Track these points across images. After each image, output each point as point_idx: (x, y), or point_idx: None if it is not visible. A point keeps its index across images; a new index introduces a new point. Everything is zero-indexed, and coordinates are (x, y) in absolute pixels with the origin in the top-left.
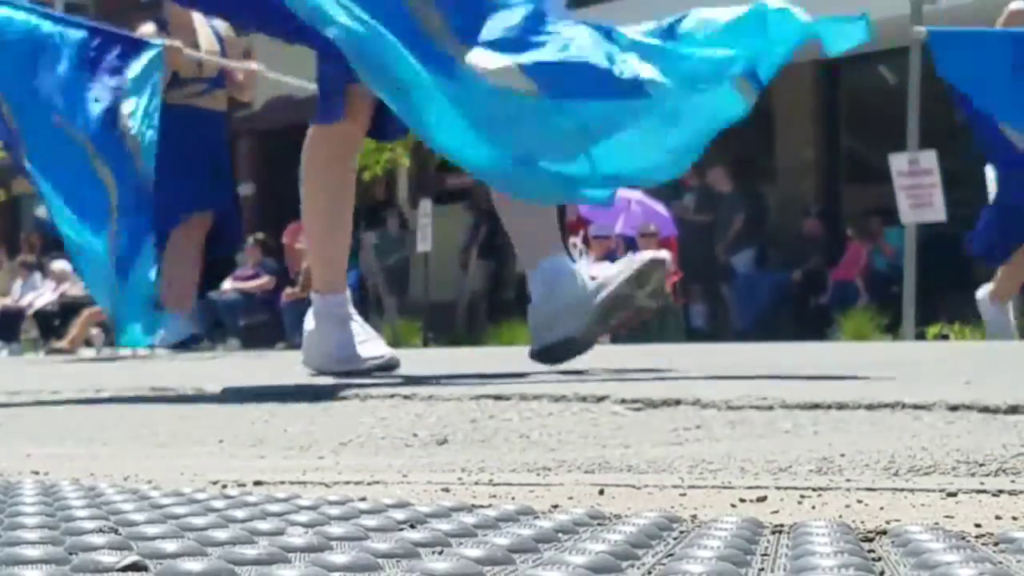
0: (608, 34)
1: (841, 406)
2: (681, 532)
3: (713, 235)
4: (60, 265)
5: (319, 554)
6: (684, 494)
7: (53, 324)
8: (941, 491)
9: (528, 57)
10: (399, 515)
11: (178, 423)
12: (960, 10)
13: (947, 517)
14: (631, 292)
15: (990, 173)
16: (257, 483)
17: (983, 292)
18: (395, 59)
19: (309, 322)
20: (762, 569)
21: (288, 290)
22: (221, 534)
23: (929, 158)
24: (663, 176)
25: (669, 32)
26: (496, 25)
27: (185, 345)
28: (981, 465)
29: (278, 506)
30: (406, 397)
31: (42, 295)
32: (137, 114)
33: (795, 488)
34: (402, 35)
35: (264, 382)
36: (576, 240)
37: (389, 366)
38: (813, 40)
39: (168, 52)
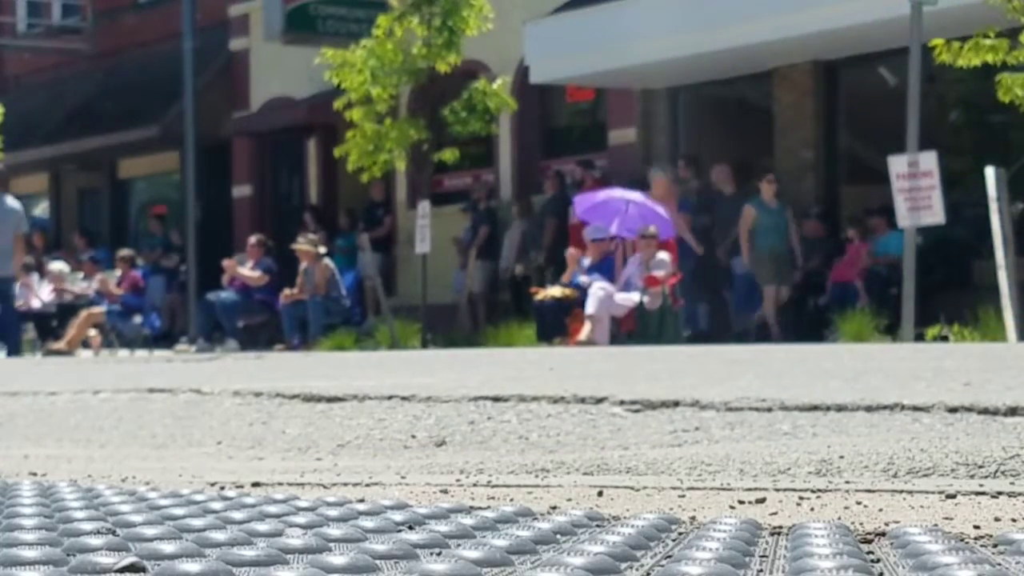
0: None
1: (840, 408)
2: (680, 533)
3: (714, 236)
4: (58, 266)
5: (317, 555)
6: (683, 495)
7: (51, 325)
8: (940, 493)
9: None
10: (397, 516)
11: (176, 424)
12: (959, 11)
13: (946, 519)
14: None
15: (990, 173)
16: (255, 484)
17: None
18: None
19: None
20: (761, 570)
21: (286, 291)
22: (219, 535)
23: (929, 159)
24: None
25: None
26: None
27: None
28: (980, 467)
29: (276, 507)
30: (404, 398)
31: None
32: None
33: (794, 490)
34: None
35: (262, 383)
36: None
37: None
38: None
39: None
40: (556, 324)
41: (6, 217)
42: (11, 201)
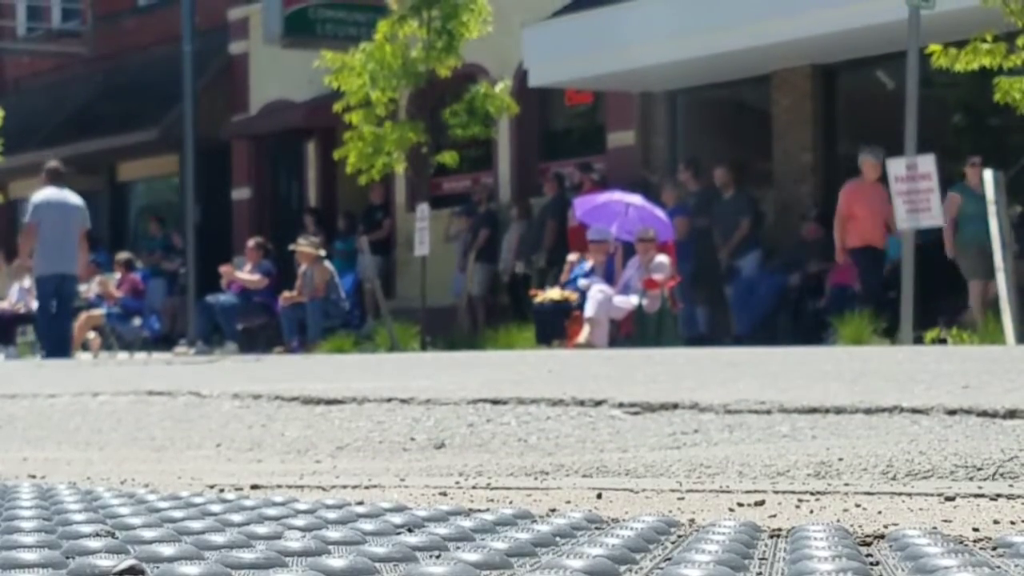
0: None
1: (839, 410)
2: (679, 536)
3: (714, 238)
4: None
5: (316, 558)
6: (682, 498)
7: None
8: (939, 495)
9: None
10: (396, 519)
11: (175, 427)
12: (957, 15)
13: (945, 521)
14: None
15: (988, 176)
16: (254, 487)
17: None
18: None
19: None
20: (760, 573)
21: (285, 294)
22: (218, 538)
23: (927, 162)
24: None
25: None
26: None
27: None
28: (979, 469)
29: (275, 510)
30: (403, 401)
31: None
32: None
33: (793, 492)
34: None
35: (261, 386)
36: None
37: None
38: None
39: None
40: (555, 327)
41: (69, 214)
42: (73, 197)
